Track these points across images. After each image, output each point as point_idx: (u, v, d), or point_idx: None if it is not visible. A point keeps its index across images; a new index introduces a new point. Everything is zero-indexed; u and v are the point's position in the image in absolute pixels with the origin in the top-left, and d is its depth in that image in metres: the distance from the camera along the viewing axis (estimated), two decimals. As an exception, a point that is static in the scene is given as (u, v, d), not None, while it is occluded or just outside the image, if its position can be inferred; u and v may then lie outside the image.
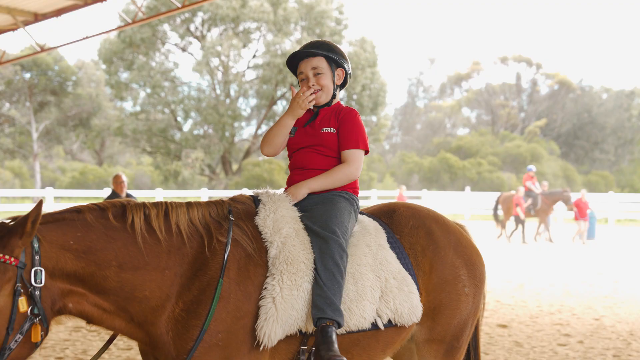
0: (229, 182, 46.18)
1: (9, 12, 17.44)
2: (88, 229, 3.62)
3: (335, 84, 4.41)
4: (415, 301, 4.17)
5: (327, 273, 3.86)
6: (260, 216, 4.01)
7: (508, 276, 16.12)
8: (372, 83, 46.04)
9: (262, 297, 3.78)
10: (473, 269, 4.52)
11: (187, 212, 3.86)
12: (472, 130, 74.16)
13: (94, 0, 17.09)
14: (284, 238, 3.93)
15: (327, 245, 3.92)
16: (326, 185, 4.23)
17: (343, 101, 45.13)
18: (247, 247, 3.87)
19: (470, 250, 4.58)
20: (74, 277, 3.56)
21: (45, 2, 17.20)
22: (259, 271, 3.86)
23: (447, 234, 4.51)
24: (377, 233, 4.29)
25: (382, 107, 47.97)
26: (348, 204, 4.20)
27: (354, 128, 4.31)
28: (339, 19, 46.82)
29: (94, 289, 3.60)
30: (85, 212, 3.68)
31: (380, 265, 4.16)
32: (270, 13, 43.81)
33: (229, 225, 3.89)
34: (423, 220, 4.49)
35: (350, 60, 44.82)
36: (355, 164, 4.27)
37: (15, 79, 50.09)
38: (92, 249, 3.59)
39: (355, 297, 4.00)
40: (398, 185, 52.21)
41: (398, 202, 4.68)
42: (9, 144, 52.13)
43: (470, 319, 4.51)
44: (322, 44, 4.41)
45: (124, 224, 3.71)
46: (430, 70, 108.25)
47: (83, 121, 52.67)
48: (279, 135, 4.34)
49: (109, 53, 44.63)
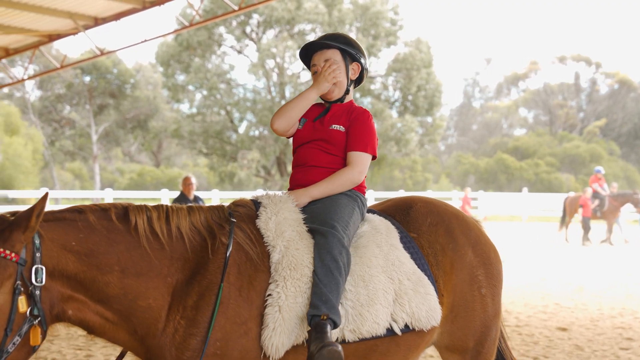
0: (284, 183, 46.37)
1: (70, 16, 17.78)
2: (90, 231, 3.43)
3: (349, 79, 4.20)
4: (433, 303, 3.91)
5: (324, 269, 3.62)
6: (262, 219, 3.79)
7: (568, 278, 15.85)
8: (428, 84, 45.75)
9: (267, 306, 3.55)
10: (491, 268, 4.27)
11: (188, 216, 3.67)
12: (529, 131, 73.18)
13: (152, 4, 17.32)
14: (286, 242, 3.71)
15: (325, 240, 3.69)
16: (328, 191, 3.99)
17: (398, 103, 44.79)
18: (249, 250, 3.67)
19: (489, 248, 4.34)
20: (74, 282, 3.36)
21: (105, 6, 17.49)
22: (261, 277, 3.63)
23: (468, 230, 4.27)
24: (388, 232, 4.04)
25: (437, 108, 47.62)
26: (350, 201, 3.98)
27: (365, 130, 4.10)
28: (394, 20, 46.64)
29: (96, 296, 3.40)
30: (87, 212, 3.49)
31: (393, 266, 3.90)
32: (325, 14, 43.86)
33: (230, 227, 3.68)
34: (442, 216, 4.25)
35: (406, 61, 45.29)
36: (359, 167, 4.05)
37: (76, 82, 51.09)
38: (94, 252, 3.40)
39: (367, 301, 3.74)
40: (454, 186, 51.85)
41: (414, 196, 4.43)
42: (69, 146, 53.17)
43: (492, 322, 4.25)
44: (338, 37, 4.20)
45: (127, 226, 3.52)
46: (487, 70, 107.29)
47: (141, 123, 53.46)
48: (297, 109, 4.09)
49: (166, 56, 45.21)
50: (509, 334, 9.79)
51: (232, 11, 17.46)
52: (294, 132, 4.19)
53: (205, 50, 45.26)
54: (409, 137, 45.24)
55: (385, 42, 46.03)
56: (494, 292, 4.25)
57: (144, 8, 17.47)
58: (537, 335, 9.68)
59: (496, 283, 4.28)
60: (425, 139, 48.71)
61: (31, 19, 17.87)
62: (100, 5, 17.41)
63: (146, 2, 17.30)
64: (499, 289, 4.31)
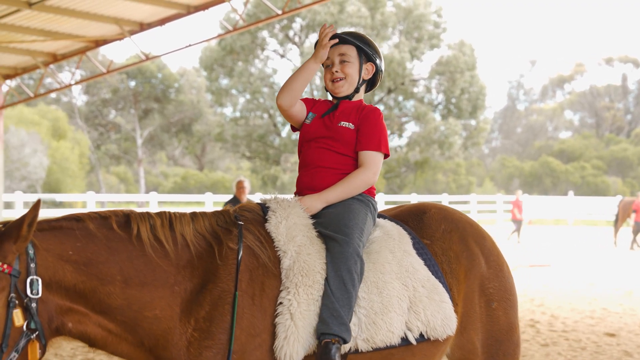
0: (327, 186, 46.34)
1: (116, 22, 18.02)
2: (89, 239, 3.27)
3: (361, 77, 4.04)
4: (448, 311, 3.75)
5: (337, 281, 3.48)
6: (272, 223, 3.64)
7: (616, 283, 15.59)
8: (471, 86, 45.45)
9: (278, 314, 3.40)
10: (503, 281, 4.10)
11: (192, 222, 3.51)
12: (575, 134, 72.27)
13: (197, 9, 17.47)
14: (298, 247, 3.56)
15: (340, 249, 3.55)
16: (344, 195, 3.81)
17: (441, 106, 44.59)
18: (260, 254, 3.51)
19: (502, 261, 4.16)
20: (73, 293, 3.20)
21: (151, 11, 17.69)
22: (274, 283, 3.48)
23: (482, 240, 4.12)
24: (401, 238, 3.89)
25: (481, 111, 47.29)
26: (363, 206, 3.81)
27: (377, 128, 3.93)
28: (437, 23, 46.43)
29: (98, 308, 3.24)
30: (86, 220, 3.33)
31: (407, 272, 3.75)
32: (367, 18, 43.83)
33: (238, 230, 3.53)
34: (456, 223, 4.10)
35: (449, 64, 45.03)
36: (373, 167, 3.87)
37: (121, 87, 51.78)
38: (93, 261, 3.24)
39: (381, 309, 3.58)
40: (498, 190, 51.41)
41: (428, 203, 4.27)
42: (114, 150, 53.91)
43: (506, 337, 4.06)
44: (358, 35, 4.08)
45: (129, 234, 3.35)
46: (531, 72, 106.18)
47: (185, 127, 54.00)
48: (299, 80, 3.89)
49: (210, 60, 45.61)
50: (556, 339, 9.67)
51: (276, 15, 17.53)
52: (299, 113, 4.01)
53: (249, 54, 45.55)
54: (453, 140, 44.97)
55: (429, 45, 45.83)
56: (506, 306, 4.07)
57: (189, 13, 17.63)
58: (585, 341, 9.54)
59: (509, 296, 4.10)
60: (468, 142, 48.38)
61: (78, 25, 18.16)
62: (145, 10, 17.61)
63: (190, 7, 17.46)
64: (513, 302, 4.13)
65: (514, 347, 4.12)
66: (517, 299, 4.18)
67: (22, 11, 16.72)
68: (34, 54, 20.12)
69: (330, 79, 4.04)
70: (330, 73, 4.03)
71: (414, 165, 48.83)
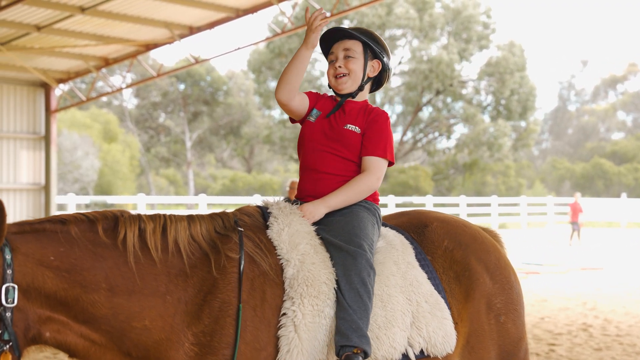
0: (375, 188, 46.25)
1: (166, 26, 18.23)
2: (73, 244, 3.08)
3: (366, 75, 3.86)
4: (449, 328, 3.63)
5: (352, 293, 3.34)
6: (274, 229, 3.49)
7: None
8: (521, 87, 44.96)
9: (281, 326, 3.25)
10: (511, 292, 3.95)
11: (189, 227, 3.31)
12: (628, 135, 70.96)
13: (245, 13, 17.60)
14: (301, 255, 3.41)
15: (353, 261, 3.40)
16: (347, 201, 3.67)
17: (490, 107, 44.13)
18: (261, 262, 3.35)
19: (508, 271, 4.02)
20: (54, 301, 3.01)
21: (200, 15, 17.87)
22: (276, 292, 3.33)
23: (486, 255, 3.94)
24: (404, 249, 3.75)
25: (531, 112, 46.77)
26: (370, 215, 3.68)
27: (384, 134, 3.78)
28: (486, 23, 46.04)
29: (81, 317, 3.05)
30: (71, 223, 3.14)
31: (411, 286, 3.61)
32: (416, 19, 43.64)
33: (238, 237, 3.36)
34: (459, 240, 3.90)
35: (498, 65, 44.63)
36: (377, 173, 3.72)
37: (171, 90, 52.35)
38: (76, 267, 3.05)
39: (384, 323, 3.45)
40: (548, 192, 50.79)
41: (430, 214, 4.07)
42: (164, 152, 54.50)
43: (516, 347, 3.95)
44: (365, 31, 3.90)
45: (115, 239, 3.16)
46: (583, 72, 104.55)
47: (233, 130, 54.35)
48: (293, 70, 3.70)
49: (258, 63, 45.87)
50: (609, 343, 9.50)
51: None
52: (300, 107, 3.82)
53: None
54: (502, 142, 44.54)
55: (478, 46, 45.47)
56: (515, 317, 3.95)
57: (237, 16, 17.77)
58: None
59: (517, 307, 3.98)
60: (518, 144, 47.88)
61: (129, 29, 18.43)
62: (195, 14, 17.80)
63: (239, 11, 17.59)
64: (520, 311, 4.01)
65: (523, 354, 4.04)
66: (524, 306, 4.08)
67: (75, 16, 17.02)
68: (86, 58, 20.46)
69: (334, 75, 3.88)
70: (334, 68, 3.86)
71: (462, 167, 48.47)
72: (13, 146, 21.48)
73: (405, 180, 44.06)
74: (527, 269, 17.98)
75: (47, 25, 17.62)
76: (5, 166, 21.32)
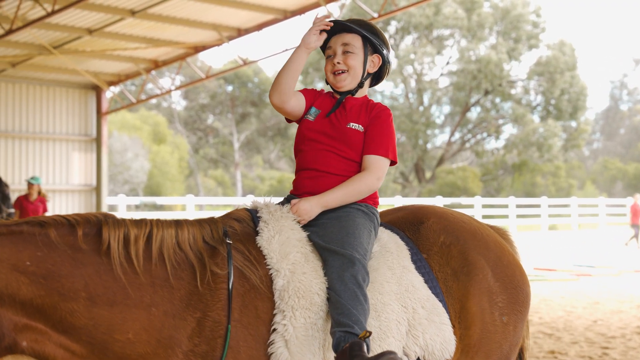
0: (422, 189, 46.07)
1: (214, 28, 18.38)
2: (51, 249, 2.89)
3: (366, 70, 3.64)
4: (447, 334, 3.42)
5: (348, 292, 3.12)
6: (264, 237, 3.27)
7: None
8: (572, 87, 44.37)
9: (271, 342, 3.04)
10: (515, 292, 3.72)
11: (176, 235, 3.11)
12: (682, 135, 69.54)
13: (293, 14, 17.65)
14: (292, 265, 3.20)
15: (349, 264, 3.20)
16: (345, 200, 3.44)
17: (540, 107, 43.60)
18: (251, 276, 3.14)
19: (512, 270, 3.76)
20: (30, 308, 2.83)
21: (248, 17, 17.98)
22: (267, 305, 3.12)
23: (486, 251, 3.69)
24: (399, 252, 3.52)
25: (582, 112, 46.13)
26: (367, 221, 3.45)
27: (386, 132, 3.56)
28: (536, 22, 45.55)
29: (60, 326, 2.86)
30: (50, 226, 2.94)
31: (407, 292, 3.39)
32: (464, 19, 43.34)
33: (227, 250, 3.15)
34: (457, 235, 3.67)
35: (548, 64, 44.11)
36: (378, 173, 3.50)
37: (219, 92, 52.78)
38: (54, 273, 2.85)
39: (378, 334, 3.24)
40: (600, 193, 49.99)
41: (428, 209, 3.83)
42: (212, 154, 54.96)
43: (511, 353, 3.73)
44: (364, 24, 3.67)
45: (98, 245, 2.97)
46: (635, 71, 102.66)
47: (281, 131, 54.57)
48: (287, 73, 3.53)
49: (305, 64, 45.88)
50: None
51: (371, 19, 17.51)
52: (295, 108, 3.63)
53: (344, 57, 45.69)
54: (552, 142, 43.99)
55: (527, 45, 45.00)
56: (517, 319, 3.71)
57: (285, 18, 17.84)
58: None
59: (521, 309, 3.74)
60: (568, 144, 47.22)
61: (179, 32, 18.62)
62: (243, 16, 17.91)
63: (287, 12, 17.66)
64: (524, 314, 3.77)
65: None
66: (528, 311, 3.83)
67: (126, 19, 17.27)
68: (136, 60, 20.74)
69: (332, 71, 3.65)
70: (332, 64, 3.63)
71: (511, 168, 47.97)
72: (65, 148, 21.87)
73: (453, 181, 43.74)
74: (578, 271, 17.71)
75: (98, 28, 17.91)
76: (58, 168, 21.72)
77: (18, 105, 21.15)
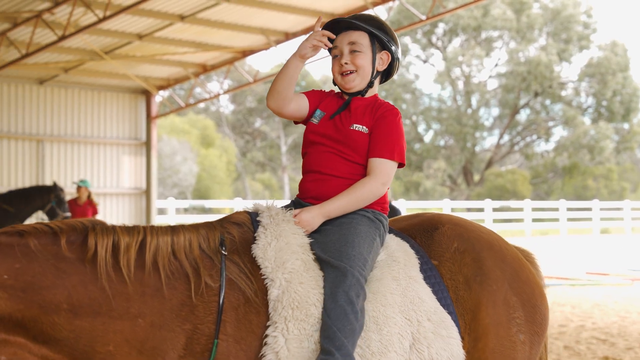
0: (471, 192, 45.68)
1: (262, 32, 18.47)
2: (31, 260, 2.75)
3: (375, 69, 3.47)
4: (455, 348, 3.20)
5: (337, 311, 2.96)
6: (260, 245, 3.11)
7: None
8: (624, 88, 43.63)
9: (262, 355, 2.91)
10: (533, 311, 3.45)
11: (172, 243, 2.97)
12: None
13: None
14: (288, 274, 3.04)
15: (342, 278, 3.03)
16: (348, 208, 3.27)
17: (591, 109, 43.04)
18: (245, 289, 3.00)
19: (532, 288, 3.50)
20: (9, 323, 2.70)
21: (295, 21, 18.02)
22: (263, 319, 2.99)
23: (503, 264, 3.45)
24: (407, 261, 3.31)
25: (634, 113, 45.33)
26: (372, 228, 3.28)
27: (393, 132, 3.37)
28: (587, 23, 44.90)
29: (40, 338, 2.75)
30: (30, 235, 2.81)
31: (412, 304, 3.19)
32: (513, 20, 42.91)
33: (220, 261, 3.02)
34: (472, 243, 3.44)
35: (600, 66, 43.47)
36: (383, 177, 3.31)
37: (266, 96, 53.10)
38: (34, 285, 2.73)
39: (379, 349, 3.05)
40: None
41: (444, 216, 3.64)
42: (260, 157, 55.23)
43: None
44: (370, 19, 3.49)
45: (83, 254, 2.83)
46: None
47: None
48: (281, 79, 3.39)
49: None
50: None
51: (419, 21, 17.42)
52: (298, 111, 3.51)
53: (391, 60, 45.66)
54: (604, 145, 43.31)
55: (578, 46, 44.39)
56: (533, 341, 3.44)
57: (332, 21, 17.83)
58: None
59: (539, 330, 3.47)
60: (621, 146, 46.41)
61: (227, 36, 18.75)
62: (290, 20, 17.96)
63: (334, 16, 17.64)
64: (542, 337, 3.50)
65: None
66: (545, 335, 3.56)
67: (175, 24, 17.44)
68: (185, 65, 20.94)
69: (339, 72, 3.46)
70: (339, 65, 3.45)
71: (561, 171, 47.31)
72: (116, 152, 22.17)
73: (502, 184, 43.30)
74: (632, 276, 17.36)
75: (148, 33, 18.12)
76: (109, 171, 22.03)
77: (70, 110, 21.51)
